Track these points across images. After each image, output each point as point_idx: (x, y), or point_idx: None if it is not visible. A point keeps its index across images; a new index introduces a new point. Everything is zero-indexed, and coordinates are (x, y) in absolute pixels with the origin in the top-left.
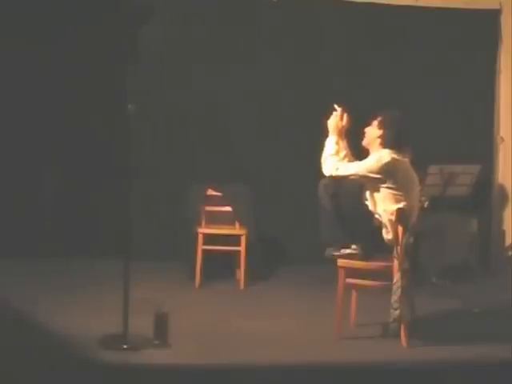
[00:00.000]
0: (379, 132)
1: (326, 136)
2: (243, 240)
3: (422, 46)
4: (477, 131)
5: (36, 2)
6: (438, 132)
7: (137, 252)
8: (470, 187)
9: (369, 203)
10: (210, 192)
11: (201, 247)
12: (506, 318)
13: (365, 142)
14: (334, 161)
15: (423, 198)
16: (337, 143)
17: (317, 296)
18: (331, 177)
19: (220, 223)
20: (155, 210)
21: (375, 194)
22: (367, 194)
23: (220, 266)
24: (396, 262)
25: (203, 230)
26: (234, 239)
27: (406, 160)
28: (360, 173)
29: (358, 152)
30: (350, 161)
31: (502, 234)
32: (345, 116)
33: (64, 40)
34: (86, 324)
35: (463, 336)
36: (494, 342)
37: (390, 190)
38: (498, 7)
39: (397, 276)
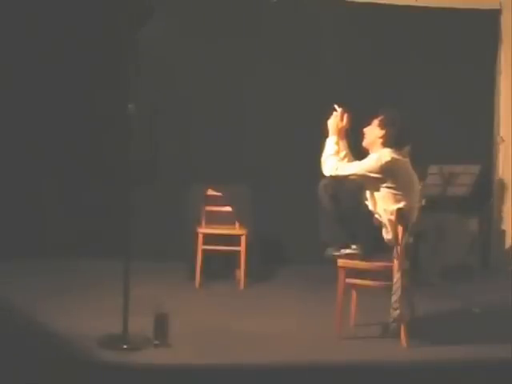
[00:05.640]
0: (381, 132)
1: (326, 136)
2: (243, 240)
3: (422, 45)
4: (477, 131)
5: (36, 2)
6: (438, 132)
7: (137, 252)
8: (470, 187)
9: (369, 203)
10: (210, 192)
11: (201, 247)
12: (506, 318)
13: (365, 143)
14: (333, 161)
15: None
16: (337, 143)
17: (317, 296)
18: (331, 177)
19: (220, 223)
20: (155, 210)
21: (375, 194)
22: (367, 193)
23: (220, 266)
24: (396, 262)
25: (203, 230)
26: (234, 239)
27: (407, 160)
28: (360, 172)
29: (358, 152)
30: (349, 161)
31: (502, 233)
32: (345, 116)
33: (64, 40)
34: (86, 324)
35: (463, 336)
36: (494, 342)
37: (390, 190)
38: (498, 7)
39: (397, 276)
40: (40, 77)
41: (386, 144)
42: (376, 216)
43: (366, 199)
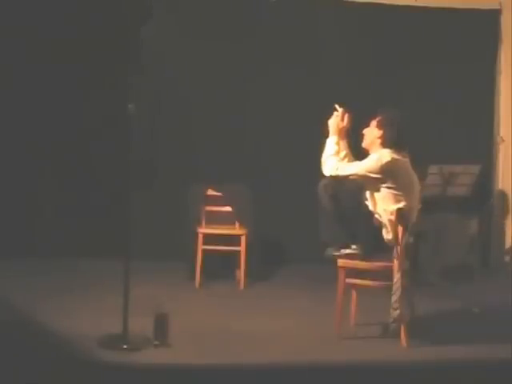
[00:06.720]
0: (379, 132)
1: (327, 136)
2: (243, 240)
3: (422, 46)
4: (477, 131)
5: (36, 2)
6: (438, 132)
7: (137, 252)
8: (470, 187)
9: (369, 203)
10: (210, 192)
11: (201, 247)
12: (506, 318)
13: (365, 144)
14: (334, 161)
15: None
16: (337, 143)
17: (317, 296)
18: (331, 177)
19: (220, 223)
20: (155, 210)
21: (375, 194)
22: (367, 193)
23: (220, 266)
24: (396, 262)
25: (203, 230)
26: (234, 239)
27: (406, 160)
28: (360, 173)
29: (359, 152)
30: (350, 161)
31: (502, 234)
32: (346, 116)
33: (64, 39)
34: (86, 324)
35: (463, 336)
36: (494, 342)
37: (390, 190)
38: (498, 7)
39: (397, 276)
40: (40, 77)
41: (384, 144)
42: (376, 216)
43: (366, 199)
